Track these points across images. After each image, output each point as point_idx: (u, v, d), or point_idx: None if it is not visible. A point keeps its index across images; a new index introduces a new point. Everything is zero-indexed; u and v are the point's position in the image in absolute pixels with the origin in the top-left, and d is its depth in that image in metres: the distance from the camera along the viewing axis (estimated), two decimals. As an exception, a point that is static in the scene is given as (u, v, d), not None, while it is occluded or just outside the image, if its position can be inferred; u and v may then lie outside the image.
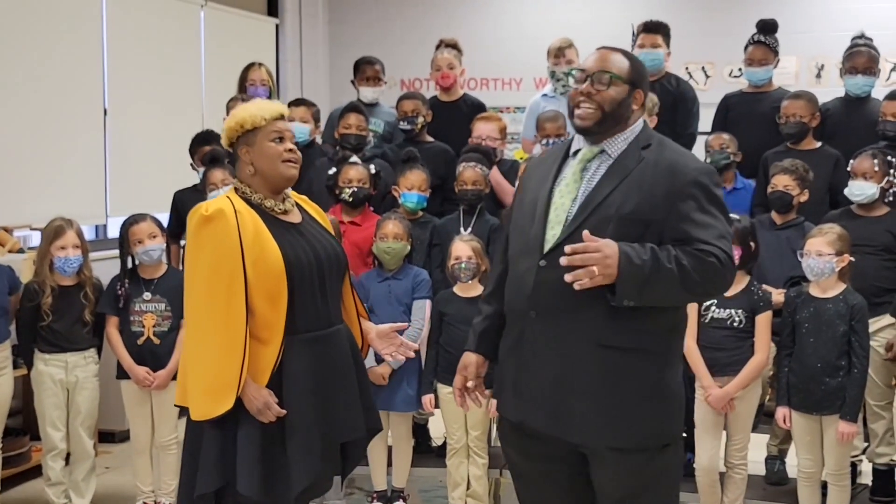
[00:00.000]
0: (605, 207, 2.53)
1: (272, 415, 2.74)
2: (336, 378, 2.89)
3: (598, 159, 2.63)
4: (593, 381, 2.53)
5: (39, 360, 4.28)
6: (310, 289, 2.83)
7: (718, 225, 2.53)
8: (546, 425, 2.60)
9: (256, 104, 2.94)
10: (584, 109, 2.61)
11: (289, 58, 8.32)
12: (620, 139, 2.63)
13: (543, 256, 2.56)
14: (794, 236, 4.21)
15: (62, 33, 5.78)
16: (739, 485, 4.01)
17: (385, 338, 3.10)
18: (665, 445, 2.62)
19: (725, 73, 7.82)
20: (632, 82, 2.63)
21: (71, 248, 4.24)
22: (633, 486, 2.60)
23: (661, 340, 2.58)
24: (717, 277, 2.51)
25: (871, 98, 4.80)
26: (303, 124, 5.02)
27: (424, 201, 4.60)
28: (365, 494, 4.56)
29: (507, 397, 2.70)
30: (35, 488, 4.67)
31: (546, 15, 8.17)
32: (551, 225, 2.59)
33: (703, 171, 2.59)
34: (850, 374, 3.76)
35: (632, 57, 2.70)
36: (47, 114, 5.65)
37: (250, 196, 2.86)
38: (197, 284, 2.78)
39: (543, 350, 2.57)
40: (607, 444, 2.56)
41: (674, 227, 2.50)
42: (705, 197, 2.54)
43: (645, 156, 2.59)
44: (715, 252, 2.47)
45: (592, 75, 2.62)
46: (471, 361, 2.83)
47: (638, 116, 2.67)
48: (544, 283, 2.55)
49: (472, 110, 5.20)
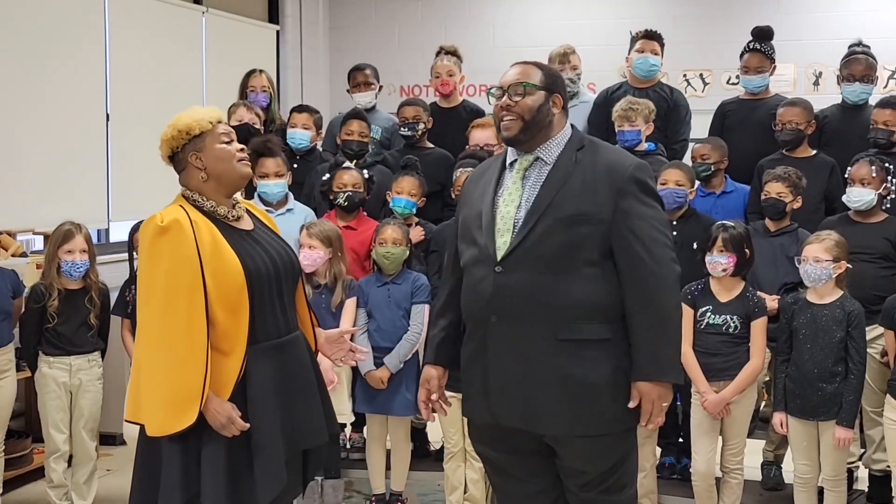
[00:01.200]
0: (552, 210, 2.68)
1: (236, 429, 2.68)
2: (298, 385, 2.85)
3: (536, 166, 2.78)
4: (556, 375, 2.67)
5: (43, 362, 4.31)
6: (269, 297, 2.79)
7: (656, 214, 2.72)
8: (517, 420, 2.73)
9: (194, 111, 2.90)
10: (507, 121, 2.78)
11: (289, 64, 8.35)
12: (553, 144, 2.78)
13: (498, 263, 2.70)
14: (788, 243, 4.23)
15: (65, 40, 5.81)
16: (735, 490, 4.03)
17: (334, 343, 3.08)
18: (628, 429, 2.77)
19: (723, 81, 7.85)
20: (547, 88, 2.79)
21: (78, 252, 4.27)
22: (599, 469, 2.75)
23: (620, 329, 2.71)
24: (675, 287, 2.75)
25: (869, 105, 4.79)
26: (304, 130, 5.05)
27: (413, 207, 4.61)
28: (364, 498, 4.58)
29: (477, 400, 2.81)
30: (37, 490, 4.68)
31: (544, 22, 8.21)
32: (500, 233, 2.73)
33: (637, 167, 2.74)
34: (846, 380, 3.79)
35: (544, 66, 2.87)
36: (50, 119, 5.68)
37: (202, 204, 2.80)
38: (153, 296, 2.67)
39: (506, 350, 2.71)
40: (573, 433, 2.70)
41: (619, 223, 2.67)
42: (641, 190, 2.70)
43: (581, 157, 2.75)
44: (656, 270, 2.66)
45: (508, 89, 2.79)
46: (432, 375, 2.96)
47: (562, 121, 2.81)
48: (502, 288, 2.69)
49: (471, 116, 5.22)
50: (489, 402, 2.76)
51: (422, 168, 4.76)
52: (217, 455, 2.69)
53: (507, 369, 2.71)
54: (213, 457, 2.69)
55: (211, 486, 2.68)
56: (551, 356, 2.67)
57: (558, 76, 2.87)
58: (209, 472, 2.68)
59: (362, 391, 4.31)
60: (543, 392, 2.68)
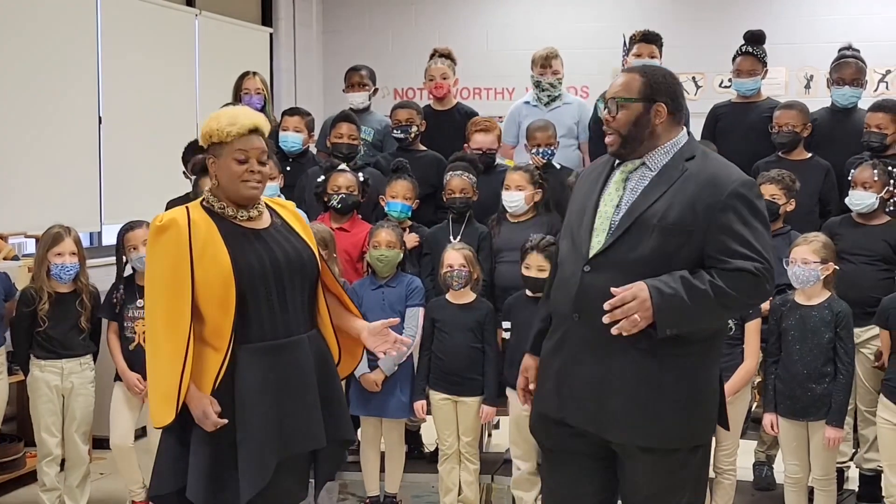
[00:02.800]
0: (648, 217, 2.62)
1: (211, 424, 2.72)
2: (293, 388, 2.85)
3: (640, 171, 2.73)
4: (631, 383, 2.62)
5: (35, 366, 4.30)
6: (265, 297, 2.81)
7: (759, 237, 2.60)
8: (585, 422, 2.69)
9: (230, 115, 2.86)
10: (609, 137, 2.75)
11: (283, 67, 8.36)
12: (661, 152, 2.72)
13: (588, 262, 2.66)
14: (781, 245, 4.22)
15: (57, 42, 5.81)
16: (728, 490, 4.05)
17: (378, 335, 3.05)
18: (695, 447, 2.70)
19: (716, 84, 7.89)
20: (646, 98, 2.70)
21: (68, 255, 4.27)
22: (660, 486, 2.68)
23: (700, 346, 2.66)
24: (753, 289, 2.59)
25: (858, 108, 4.82)
26: (296, 133, 5.06)
27: (409, 210, 4.63)
28: (358, 500, 4.59)
29: (549, 394, 2.78)
30: (30, 494, 4.67)
31: (537, 25, 8.24)
32: (596, 232, 2.69)
33: (744, 184, 2.65)
34: (835, 381, 3.81)
35: (650, 73, 2.75)
36: (42, 122, 5.68)
37: (213, 206, 2.86)
38: (151, 294, 2.82)
39: (585, 351, 2.67)
40: (640, 444, 2.65)
41: (714, 239, 2.58)
42: (747, 209, 2.61)
43: (688, 167, 2.67)
44: (746, 267, 2.55)
45: (608, 104, 2.75)
46: (530, 364, 2.94)
47: (672, 128, 2.73)
48: (588, 287, 2.65)
49: (465, 119, 5.22)
50: (560, 399, 2.73)
51: (414, 171, 4.76)
52: (201, 449, 2.75)
53: (582, 370, 2.68)
54: (197, 450, 2.76)
55: (193, 479, 2.74)
56: (628, 363, 2.61)
57: (665, 83, 2.74)
58: (193, 464, 2.75)
59: (356, 394, 4.31)
60: (615, 398, 2.63)
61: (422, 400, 4.30)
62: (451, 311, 4.24)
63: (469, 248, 4.29)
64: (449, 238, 4.53)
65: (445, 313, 4.25)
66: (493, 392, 4.21)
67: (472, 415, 4.25)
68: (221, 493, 2.75)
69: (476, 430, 4.32)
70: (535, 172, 4.55)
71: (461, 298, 4.24)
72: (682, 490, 2.70)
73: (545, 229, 4.31)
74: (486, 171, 4.85)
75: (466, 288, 4.23)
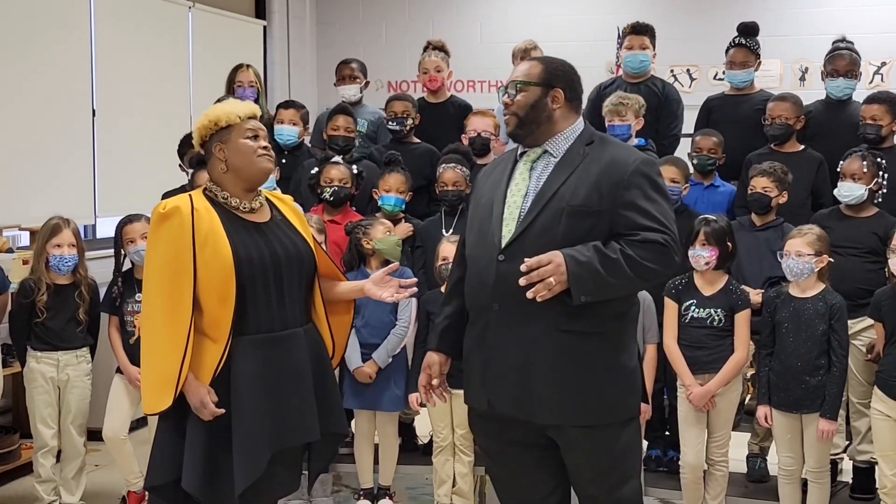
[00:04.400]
0: (556, 201, 2.71)
1: (208, 414, 2.75)
2: (288, 381, 2.87)
3: (543, 159, 2.81)
4: (555, 365, 2.69)
5: (31, 357, 4.30)
6: (263, 289, 2.83)
7: (662, 210, 2.70)
8: (514, 409, 2.75)
9: (229, 103, 2.98)
10: (507, 118, 2.85)
11: (276, 59, 8.34)
12: (561, 139, 2.81)
13: (501, 251, 2.73)
14: (773, 238, 4.26)
15: (50, 35, 5.79)
16: (721, 482, 4.06)
17: (380, 283, 3.06)
18: (629, 419, 2.79)
19: (710, 76, 7.89)
20: (545, 83, 2.81)
21: (66, 246, 4.27)
22: (603, 462, 2.76)
23: (615, 324, 2.75)
24: (663, 258, 2.67)
25: (852, 101, 4.83)
26: (291, 126, 5.05)
27: (402, 204, 4.63)
28: (352, 492, 4.59)
29: (475, 387, 2.84)
30: (25, 485, 4.67)
31: (531, 18, 8.23)
32: (506, 222, 2.76)
33: (644, 162, 2.76)
34: (829, 373, 3.82)
35: (549, 62, 2.87)
36: (36, 115, 5.66)
37: (216, 195, 2.88)
38: (150, 281, 2.83)
39: (507, 339, 2.73)
40: (572, 423, 2.71)
41: (620, 215, 2.67)
42: (648, 184, 2.72)
43: (588, 151, 2.77)
44: (654, 238, 2.64)
45: (506, 88, 2.85)
46: (434, 360, 2.98)
47: (569, 115, 2.83)
48: (504, 276, 2.70)
49: (459, 112, 5.25)
50: (487, 389, 2.79)
51: (408, 163, 4.77)
52: (197, 439, 2.77)
53: (506, 358, 2.73)
54: (193, 440, 2.77)
55: (189, 469, 2.75)
56: (551, 346, 2.68)
57: (563, 71, 2.85)
58: (188, 454, 2.76)
59: (350, 386, 4.31)
60: (541, 381, 2.70)
61: (416, 393, 4.30)
62: (446, 304, 4.25)
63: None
64: (441, 231, 4.54)
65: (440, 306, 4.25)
66: (487, 384, 4.21)
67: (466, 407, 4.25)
68: (217, 484, 2.77)
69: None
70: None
71: (455, 291, 4.25)
72: (621, 464, 2.78)
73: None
74: (481, 154, 4.85)
75: (461, 280, 4.23)
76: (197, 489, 2.74)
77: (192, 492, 2.75)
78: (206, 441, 2.77)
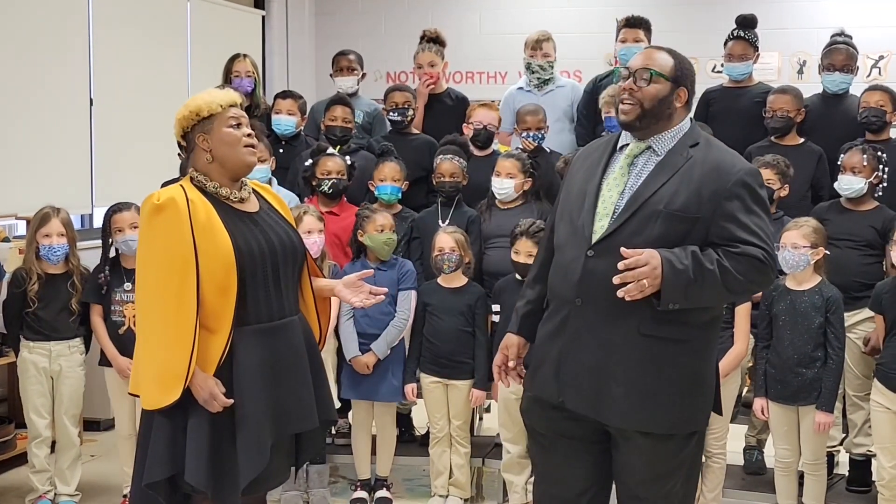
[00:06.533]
0: (653, 202, 2.61)
1: (218, 405, 2.72)
2: (288, 369, 2.86)
3: (645, 155, 2.71)
4: (632, 369, 2.62)
5: (24, 347, 4.29)
6: (262, 279, 2.81)
7: (762, 224, 2.62)
8: (584, 407, 2.68)
9: (209, 93, 2.90)
10: (626, 105, 2.70)
11: (275, 50, 8.32)
12: (667, 136, 2.70)
13: (591, 247, 2.64)
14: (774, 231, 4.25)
15: (48, 24, 5.77)
16: (718, 474, 4.07)
17: (352, 286, 3.04)
18: (691, 434, 2.71)
19: (709, 69, 7.85)
20: (675, 80, 2.71)
21: (56, 236, 4.24)
22: (656, 471, 2.69)
23: (700, 333, 2.67)
24: (758, 275, 2.61)
25: (849, 95, 4.82)
26: (289, 116, 5.04)
27: (398, 192, 4.63)
28: (348, 483, 4.60)
29: (547, 378, 2.75)
30: (20, 475, 4.66)
31: (531, 9, 8.21)
32: (599, 217, 2.67)
33: (748, 172, 2.67)
34: (825, 365, 3.82)
35: (679, 57, 2.76)
36: (33, 104, 5.65)
37: (205, 185, 2.84)
38: (149, 274, 2.76)
39: (586, 336, 2.66)
40: (639, 428, 2.65)
41: (719, 226, 2.59)
42: (750, 197, 2.62)
43: (693, 154, 2.67)
44: (754, 252, 2.56)
45: (635, 73, 2.71)
46: (513, 342, 2.91)
47: (683, 114, 2.74)
48: (591, 272, 2.63)
49: (456, 104, 5.24)
50: (560, 383, 2.71)
51: (407, 154, 4.77)
52: (201, 431, 2.73)
53: (583, 356, 2.66)
54: (196, 433, 2.73)
55: (193, 461, 2.71)
56: (631, 350, 2.61)
57: (690, 71, 2.76)
58: (192, 447, 2.72)
59: (348, 377, 4.32)
60: (616, 383, 2.62)
61: (413, 383, 4.31)
62: (443, 295, 4.25)
63: (461, 231, 4.29)
64: (438, 222, 4.54)
65: (437, 297, 4.26)
66: (483, 376, 4.21)
67: (462, 398, 4.26)
68: (222, 475, 2.75)
69: (467, 414, 4.33)
70: (527, 161, 4.55)
71: (452, 282, 4.25)
72: (676, 474, 2.71)
73: (534, 217, 4.31)
74: (485, 146, 4.85)
75: (458, 272, 4.23)
76: (203, 482, 2.71)
77: (198, 485, 2.71)
78: (210, 432, 2.74)
